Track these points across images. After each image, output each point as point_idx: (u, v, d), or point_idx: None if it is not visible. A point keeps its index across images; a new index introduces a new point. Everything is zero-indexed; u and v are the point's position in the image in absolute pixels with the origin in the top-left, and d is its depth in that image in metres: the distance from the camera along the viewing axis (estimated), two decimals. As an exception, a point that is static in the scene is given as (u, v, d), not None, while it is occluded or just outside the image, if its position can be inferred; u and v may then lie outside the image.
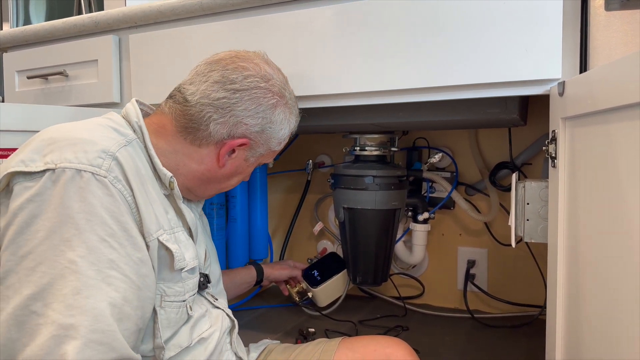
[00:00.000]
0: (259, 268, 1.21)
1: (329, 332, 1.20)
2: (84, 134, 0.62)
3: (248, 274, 1.18)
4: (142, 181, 0.64)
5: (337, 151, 1.51)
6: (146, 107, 0.77)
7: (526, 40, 0.71)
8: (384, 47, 0.80)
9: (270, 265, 1.28)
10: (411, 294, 1.45)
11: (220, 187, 0.78)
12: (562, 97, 0.65)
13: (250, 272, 1.19)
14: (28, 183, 0.57)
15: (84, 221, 0.56)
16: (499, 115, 0.84)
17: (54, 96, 1.17)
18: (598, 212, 0.55)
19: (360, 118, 0.94)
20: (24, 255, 0.55)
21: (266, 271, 1.22)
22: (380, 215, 1.20)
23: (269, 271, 1.23)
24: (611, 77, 0.51)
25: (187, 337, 0.70)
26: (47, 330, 0.52)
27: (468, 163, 1.35)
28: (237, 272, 1.18)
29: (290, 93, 0.78)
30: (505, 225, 1.31)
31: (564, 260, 0.65)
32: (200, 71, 0.73)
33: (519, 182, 0.79)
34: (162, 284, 0.66)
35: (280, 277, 1.27)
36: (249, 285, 1.18)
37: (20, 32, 1.20)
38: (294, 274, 1.29)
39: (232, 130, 0.72)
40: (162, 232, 0.65)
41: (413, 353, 0.82)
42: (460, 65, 0.75)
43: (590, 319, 0.57)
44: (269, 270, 1.24)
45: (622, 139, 0.49)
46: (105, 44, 1.09)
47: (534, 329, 1.20)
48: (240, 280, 1.16)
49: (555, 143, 0.67)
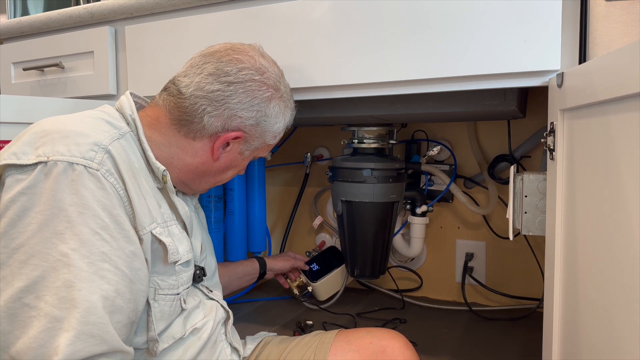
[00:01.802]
0: (262, 261, 1.21)
1: (326, 325, 1.20)
2: (77, 126, 0.61)
3: (251, 266, 1.18)
4: (135, 174, 0.64)
5: (335, 144, 1.50)
6: (140, 100, 0.76)
7: (525, 31, 0.70)
8: (382, 37, 0.80)
9: (272, 257, 1.28)
10: (409, 286, 1.45)
11: (215, 181, 0.78)
12: (560, 89, 0.64)
13: (254, 265, 1.19)
14: (20, 176, 0.57)
15: (76, 214, 0.56)
16: (498, 107, 0.84)
17: (50, 88, 1.17)
18: (596, 204, 0.55)
19: (358, 110, 0.94)
20: (16, 248, 0.55)
21: (269, 263, 1.22)
22: (379, 208, 1.20)
23: (272, 263, 1.23)
24: (610, 68, 0.51)
25: (181, 328, 0.70)
26: (39, 323, 0.52)
27: (467, 156, 1.34)
28: (239, 264, 1.17)
29: (286, 86, 0.78)
30: (504, 218, 1.31)
31: (561, 252, 0.65)
32: (195, 63, 0.73)
33: (517, 174, 0.79)
34: (156, 277, 0.66)
35: (284, 268, 1.27)
36: (252, 277, 1.18)
37: (15, 23, 1.19)
38: (297, 265, 1.29)
39: (226, 123, 0.71)
40: (155, 225, 0.64)
41: (409, 345, 0.82)
42: (459, 57, 0.75)
43: (588, 311, 0.57)
44: (272, 262, 1.24)
45: (622, 131, 0.49)
46: (101, 36, 1.08)
47: (532, 321, 1.20)
48: (243, 273, 1.15)
49: (554, 135, 0.66)
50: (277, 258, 1.28)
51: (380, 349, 0.80)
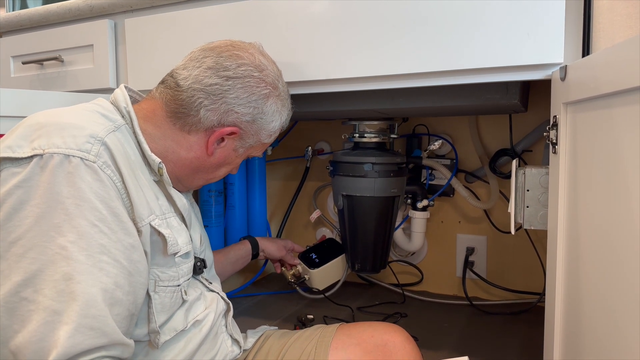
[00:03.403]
0: (254, 241, 1.16)
1: (327, 319, 1.20)
2: (72, 119, 0.61)
3: (242, 248, 1.13)
4: (132, 167, 0.63)
5: (336, 138, 1.50)
6: (135, 94, 0.76)
7: (528, 24, 0.70)
8: (383, 30, 0.79)
9: (266, 238, 1.22)
10: (410, 281, 1.45)
11: (208, 178, 0.78)
12: (564, 82, 0.64)
13: (245, 246, 1.14)
14: (15, 169, 0.56)
15: (73, 206, 0.55)
16: (500, 100, 0.83)
17: (50, 82, 1.16)
18: (599, 198, 0.54)
19: (359, 104, 0.93)
20: (13, 242, 0.54)
21: (261, 243, 1.16)
22: (379, 202, 1.19)
23: (265, 244, 1.17)
24: (615, 61, 0.50)
25: (182, 320, 0.70)
26: (38, 317, 0.52)
27: (468, 150, 1.34)
28: (230, 248, 1.12)
29: (284, 86, 0.77)
30: (505, 212, 1.31)
31: (563, 247, 0.64)
32: (194, 57, 0.73)
33: (519, 168, 0.79)
34: (156, 269, 0.65)
35: (278, 250, 1.20)
36: (245, 260, 1.13)
37: (14, 16, 1.18)
38: (290, 246, 1.23)
39: (222, 117, 0.71)
40: (154, 217, 0.64)
41: (411, 339, 0.82)
42: (461, 50, 0.74)
43: (590, 305, 0.56)
44: (265, 242, 1.18)
45: (625, 124, 0.48)
46: (100, 29, 1.07)
47: (533, 316, 1.20)
48: (235, 256, 1.11)
49: (557, 129, 0.66)
50: (271, 239, 1.22)
51: (381, 343, 0.80)
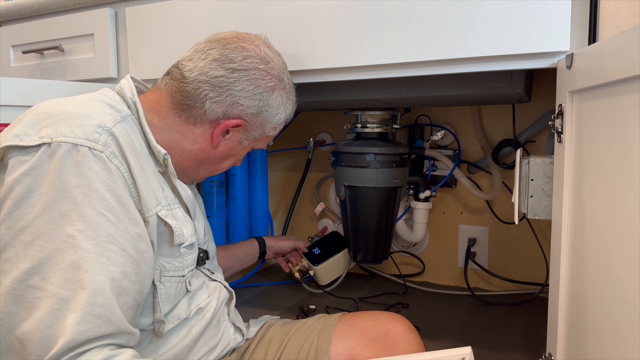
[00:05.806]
0: (261, 240, 1.20)
1: (329, 309, 1.20)
2: (80, 108, 0.61)
3: (250, 246, 1.18)
4: (138, 157, 0.63)
5: (338, 129, 1.49)
6: (140, 85, 0.76)
7: (534, 12, 0.69)
8: (386, 18, 0.78)
9: (273, 237, 1.27)
10: (412, 271, 1.45)
11: (212, 169, 0.78)
12: (570, 70, 0.63)
13: (253, 245, 1.18)
14: (23, 157, 0.56)
15: (81, 195, 0.55)
16: (505, 89, 0.82)
17: (50, 71, 1.16)
18: (605, 187, 0.54)
19: (362, 93, 0.92)
20: (21, 229, 0.54)
21: (269, 242, 1.21)
22: (382, 193, 1.19)
23: (272, 242, 1.22)
24: (622, 48, 0.50)
25: (186, 308, 0.70)
26: (46, 304, 0.52)
27: (470, 141, 1.34)
28: (239, 246, 1.17)
29: (289, 78, 0.77)
30: (507, 203, 1.31)
31: (568, 236, 0.64)
32: (200, 48, 0.73)
33: (523, 158, 0.78)
34: (162, 259, 0.66)
35: (284, 248, 1.26)
36: (252, 258, 1.17)
37: (14, 5, 1.17)
38: (298, 245, 1.28)
39: (227, 110, 0.71)
40: (160, 207, 0.64)
41: (413, 329, 0.82)
42: (466, 38, 0.73)
43: (594, 295, 0.56)
44: (272, 241, 1.23)
45: (632, 112, 0.48)
46: (101, 18, 1.06)
47: (534, 306, 1.21)
48: (243, 253, 1.15)
49: (562, 117, 0.65)
50: (278, 238, 1.27)
51: (383, 332, 0.80)
